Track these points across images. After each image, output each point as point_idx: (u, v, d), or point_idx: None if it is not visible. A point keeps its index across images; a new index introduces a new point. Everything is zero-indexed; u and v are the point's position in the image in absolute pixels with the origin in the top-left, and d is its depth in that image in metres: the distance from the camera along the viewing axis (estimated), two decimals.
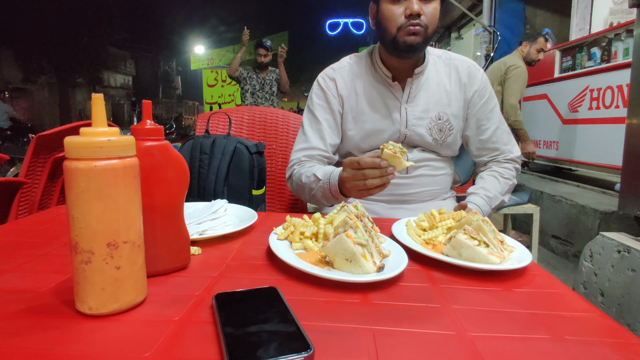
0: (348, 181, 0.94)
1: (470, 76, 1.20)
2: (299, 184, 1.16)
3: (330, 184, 1.04)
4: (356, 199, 0.99)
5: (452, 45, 11.09)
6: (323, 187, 1.06)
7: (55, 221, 0.89)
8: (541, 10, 7.36)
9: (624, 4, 4.28)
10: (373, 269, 0.60)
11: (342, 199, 1.03)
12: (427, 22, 1.05)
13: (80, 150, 0.46)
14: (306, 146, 1.19)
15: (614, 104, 3.29)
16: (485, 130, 1.20)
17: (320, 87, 1.23)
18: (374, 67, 1.20)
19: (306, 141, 1.20)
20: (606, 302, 1.68)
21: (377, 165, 0.87)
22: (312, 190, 1.11)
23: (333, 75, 1.23)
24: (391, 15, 1.06)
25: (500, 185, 1.18)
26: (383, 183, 0.88)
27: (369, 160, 0.88)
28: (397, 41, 1.07)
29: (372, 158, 0.88)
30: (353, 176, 0.92)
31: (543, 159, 4.43)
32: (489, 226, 0.71)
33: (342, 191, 1.01)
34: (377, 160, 0.87)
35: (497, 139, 1.21)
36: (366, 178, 0.89)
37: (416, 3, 1.03)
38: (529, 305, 0.55)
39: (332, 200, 1.07)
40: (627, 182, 1.72)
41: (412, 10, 1.03)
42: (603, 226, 2.70)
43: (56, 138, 1.54)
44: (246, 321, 0.45)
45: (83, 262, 0.47)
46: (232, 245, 0.76)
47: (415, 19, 1.03)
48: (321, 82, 1.23)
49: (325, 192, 1.06)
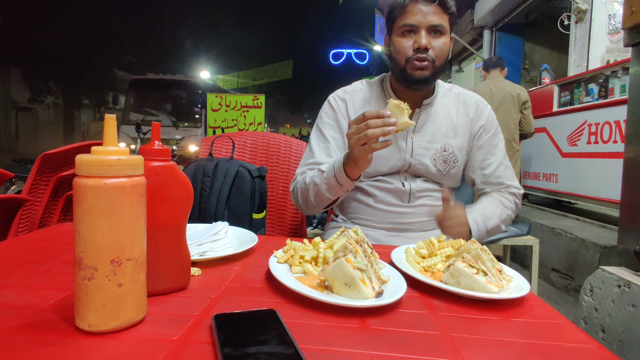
0: (351, 137, 0.95)
1: (477, 111, 1.23)
2: (303, 188, 1.16)
3: (335, 167, 1.05)
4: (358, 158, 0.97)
5: (452, 77, 11.30)
6: (328, 175, 1.07)
7: (56, 238, 0.90)
8: (540, 46, 7.55)
9: (620, 42, 4.40)
10: (372, 294, 0.60)
11: (345, 181, 1.04)
12: (435, 56, 1.09)
13: (90, 167, 0.47)
14: (312, 161, 1.20)
15: (612, 139, 3.33)
16: (489, 165, 1.21)
17: (330, 106, 1.25)
18: (384, 94, 1.23)
19: (312, 157, 1.21)
20: (607, 338, 1.66)
21: (380, 115, 0.90)
22: (316, 186, 1.11)
23: (344, 96, 1.25)
24: (401, 47, 1.11)
25: (499, 209, 1.17)
26: (384, 133, 0.90)
27: (373, 111, 0.92)
28: (406, 73, 1.11)
29: (377, 110, 0.92)
30: (357, 129, 0.94)
31: (543, 192, 4.44)
32: (487, 255, 0.72)
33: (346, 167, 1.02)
34: (380, 111, 0.91)
35: (501, 174, 1.22)
36: (368, 128, 0.91)
37: (424, 37, 1.08)
38: (527, 335, 0.55)
39: (337, 188, 1.07)
40: (625, 217, 1.73)
41: (420, 44, 1.08)
42: (603, 260, 2.68)
43: (61, 157, 1.56)
44: (245, 342, 0.45)
45: (86, 278, 0.48)
46: (232, 267, 0.76)
47: (422, 53, 1.08)
48: (332, 101, 1.26)
49: (329, 180, 1.06)
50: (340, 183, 1.05)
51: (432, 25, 1.08)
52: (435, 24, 1.08)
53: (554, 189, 4.21)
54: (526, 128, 3.79)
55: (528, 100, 3.75)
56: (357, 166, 1.00)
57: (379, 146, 0.93)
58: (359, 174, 1.06)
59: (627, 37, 1.67)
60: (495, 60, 4.01)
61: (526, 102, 3.74)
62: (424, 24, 1.08)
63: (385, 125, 0.90)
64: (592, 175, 3.61)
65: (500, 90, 3.67)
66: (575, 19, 4.87)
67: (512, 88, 3.74)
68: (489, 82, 3.88)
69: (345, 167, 1.03)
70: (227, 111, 7.20)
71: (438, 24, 1.08)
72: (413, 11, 1.08)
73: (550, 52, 7.45)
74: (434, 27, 1.08)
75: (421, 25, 1.08)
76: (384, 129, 0.90)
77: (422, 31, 1.08)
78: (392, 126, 0.90)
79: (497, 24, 7.44)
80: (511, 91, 3.70)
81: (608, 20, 4.57)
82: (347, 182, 1.05)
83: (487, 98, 3.57)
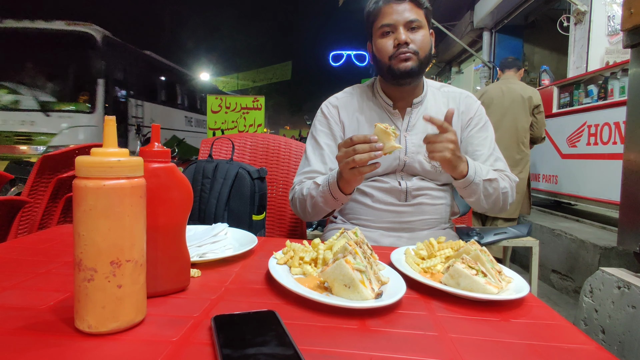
0: (341, 160, 0.98)
1: (467, 105, 1.25)
2: (301, 199, 1.19)
3: (329, 182, 1.08)
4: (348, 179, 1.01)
5: (452, 79, 11.33)
6: (323, 189, 1.10)
7: (56, 240, 0.90)
8: (539, 48, 7.57)
9: (619, 44, 4.41)
10: (371, 296, 0.60)
11: (340, 196, 1.07)
12: (418, 48, 1.13)
13: (90, 169, 0.47)
14: (308, 169, 1.24)
15: (612, 140, 3.34)
16: (479, 157, 1.21)
17: (323, 114, 1.29)
18: (375, 96, 1.25)
19: (308, 165, 1.24)
20: (607, 339, 1.66)
21: (367, 140, 0.92)
22: (313, 198, 1.15)
23: (336, 103, 1.28)
24: (382, 47, 1.15)
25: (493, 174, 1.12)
26: (370, 158, 0.92)
27: (360, 136, 0.94)
28: (392, 69, 1.14)
29: (364, 135, 0.94)
30: (345, 153, 0.96)
31: (543, 193, 4.45)
32: (487, 256, 0.72)
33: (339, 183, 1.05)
34: (367, 135, 0.93)
35: (492, 165, 1.21)
36: (356, 153, 0.93)
37: (403, 33, 1.11)
38: (526, 336, 0.55)
39: (332, 201, 1.10)
40: (625, 218, 1.73)
41: (399, 40, 1.11)
42: (603, 262, 2.68)
43: (61, 159, 1.56)
44: (244, 344, 0.45)
45: (85, 280, 0.48)
46: (232, 269, 0.76)
47: (403, 47, 1.11)
48: (324, 109, 1.29)
49: (325, 194, 1.10)
50: (335, 197, 1.09)
51: (409, 21, 1.12)
52: (411, 19, 1.11)
53: (554, 190, 4.22)
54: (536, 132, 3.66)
55: (540, 104, 3.59)
56: (350, 183, 1.04)
57: (367, 170, 0.96)
58: (351, 190, 1.09)
59: (627, 39, 1.68)
60: (511, 61, 3.82)
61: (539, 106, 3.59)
62: (400, 21, 1.12)
63: (372, 150, 0.92)
64: (592, 177, 3.61)
65: (511, 92, 3.53)
66: (574, 21, 4.88)
67: (523, 90, 3.59)
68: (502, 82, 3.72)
69: (338, 182, 1.06)
70: (227, 113, 7.20)
71: (414, 18, 1.12)
72: (388, 12, 1.13)
73: (549, 53, 7.47)
74: (410, 22, 1.12)
75: (398, 23, 1.12)
76: (371, 154, 0.92)
77: (400, 27, 1.12)
78: (379, 151, 0.92)
79: (497, 25, 7.46)
80: (522, 93, 3.56)
81: (607, 22, 4.59)
82: (342, 197, 1.08)
83: (498, 99, 3.47)
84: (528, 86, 3.64)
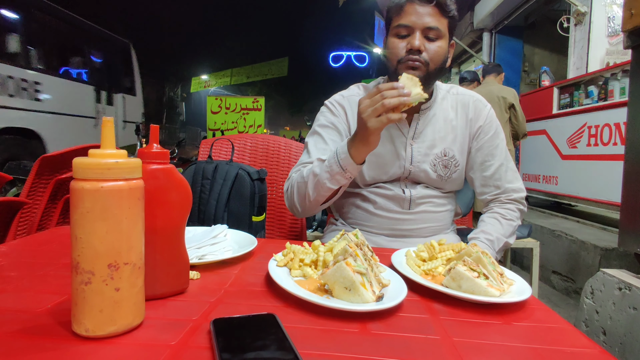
0: (365, 110, 0.94)
1: (476, 111, 1.20)
2: (300, 182, 1.12)
3: (338, 152, 1.03)
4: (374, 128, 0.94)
5: (452, 79, 11.32)
6: (329, 162, 1.04)
7: (54, 242, 0.89)
8: (539, 48, 7.56)
9: (619, 45, 4.41)
10: (372, 298, 0.59)
11: (350, 166, 1.01)
12: (429, 59, 1.06)
13: (87, 171, 0.47)
14: (308, 161, 1.16)
15: (612, 141, 3.33)
16: (489, 167, 1.18)
17: (329, 110, 1.23)
18: None
19: (309, 158, 1.17)
20: (608, 340, 1.65)
21: (394, 87, 0.91)
22: (316, 176, 1.07)
23: (342, 101, 1.23)
24: (394, 48, 1.08)
25: (503, 228, 1.13)
26: (400, 102, 0.90)
27: (386, 84, 0.92)
28: (398, 74, 1.07)
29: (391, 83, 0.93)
30: (372, 101, 0.93)
31: (543, 194, 4.44)
32: (488, 258, 0.71)
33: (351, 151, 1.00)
34: (394, 83, 0.92)
35: (501, 177, 1.18)
36: (384, 98, 0.91)
37: (418, 39, 1.04)
38: (528, 340, 0.54)
39: (339, 175, 1.03)
40: (626, 219, 1.72)
41: (412, 45, 1.04)
42: (604, 263, 2.67)
43: (60, 160, 1.55)
44: (244, 347, 0.45)
45: (83, 283, 0.47)
46: (231, 271, 0.76)
47: (415, 54, 1.05)
48: (330, 106, 1.23)
49: (332, 167, 1.03)
50: (344, 168, 1.02)
51: (428, 27, 1.04)
52: (430, 26, 1.04)
53: (554, 191, 4.21)
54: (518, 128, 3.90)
55: (515, 103, 3.81)
56: (367, 145, 0.97)
57: (396, 117, 0.92)
58: (364, 157, 1.02)
59: (627, 40, 1.67)
60: (492, 67, 4.11)
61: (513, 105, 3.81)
62: (418, 25, 1.05)
63: (400, 95, 0.90)
64: (592, 178, 3.61)
65: (489, 94, 3.73)
66: (574, 22, 4.87)
67: (499, 91, 3.82)
68: (482, 86, 3.98)
69: (350, 150, 1.00)
70: (227, 114, 7.20)
71: (434, 26, 1.04)
72: (409, 11, 1.05)
73: (549, 54, 7.46)
74: (429, 29, 1.05)
75: (415, 26, 1.05)
76: (400, 99, 0.90)
77: (417, 32, 1.05)
78: (407, 96, 0.90)
79: (497, 26, 7.45)
80: (498, 94, 3.78)
81: (607, 23, 4.58)
82: (352, 167, 1.01)
83: None
84: (505, 87, 3.92)
